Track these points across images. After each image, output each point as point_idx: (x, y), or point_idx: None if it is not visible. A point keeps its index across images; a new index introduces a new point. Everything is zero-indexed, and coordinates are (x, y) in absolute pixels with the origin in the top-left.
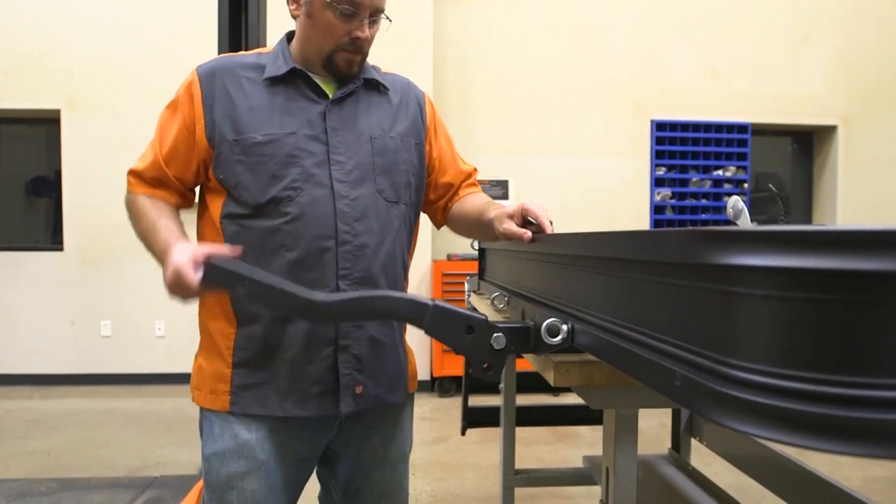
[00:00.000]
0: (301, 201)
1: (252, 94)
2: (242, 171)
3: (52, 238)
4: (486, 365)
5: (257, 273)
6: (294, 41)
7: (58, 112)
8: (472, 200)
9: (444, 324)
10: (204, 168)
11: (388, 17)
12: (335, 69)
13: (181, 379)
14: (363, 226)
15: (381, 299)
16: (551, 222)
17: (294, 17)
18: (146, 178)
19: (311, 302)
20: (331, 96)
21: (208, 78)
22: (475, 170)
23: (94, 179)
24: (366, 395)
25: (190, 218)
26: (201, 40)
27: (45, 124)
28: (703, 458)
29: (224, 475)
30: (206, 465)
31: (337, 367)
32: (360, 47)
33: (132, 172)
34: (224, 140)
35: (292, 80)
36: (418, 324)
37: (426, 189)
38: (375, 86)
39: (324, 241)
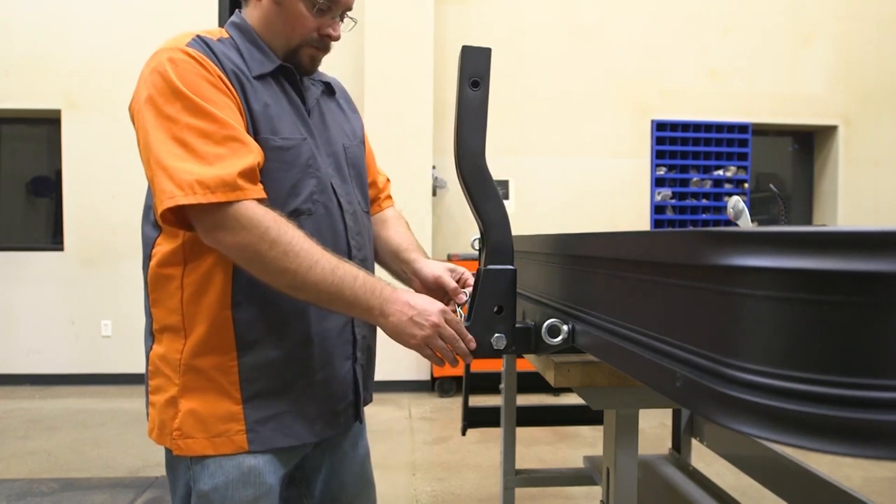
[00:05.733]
0: (319, 216)
1: (255, 86)
2: (261, 178)
3: (52, 238)
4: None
5: None
6: (253, 27)
7: (58, 112)
8: (402, 233)
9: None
10: None
11: (352, 18)
12: (297, 65)
13: None
14: (362, 239)
15: None
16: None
17: None
18: (257, 176)
19: None
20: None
21: (211, 56)
22: (388, 180)
23: (94, 179)
24: (364, 399)
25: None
26: None
27: (46, 124)
28: (703, 458)
29: None
30: (204, 502)
31: (356, 379)
32: (327, 45)
33: (243, 174)
34: None
35: (276, 77)
36: None
37: None
38: (327, 88)
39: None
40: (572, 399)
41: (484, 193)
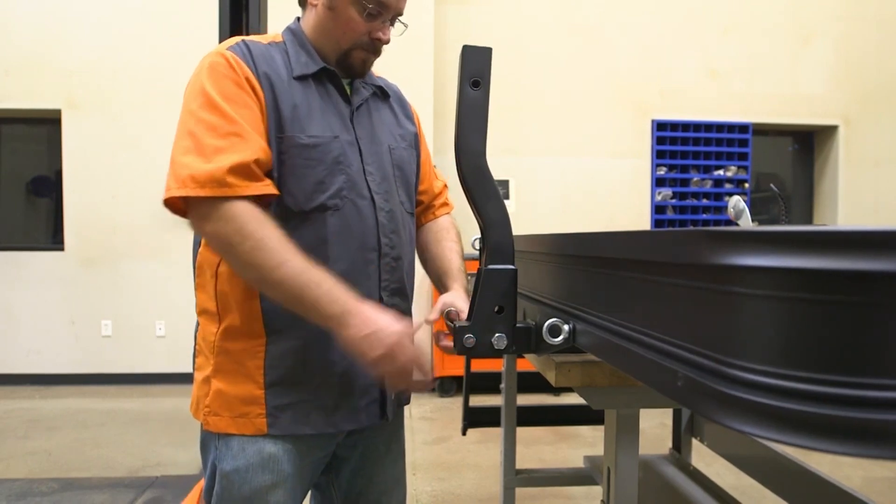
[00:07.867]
0: (347, 212)
1: (289, 87)
2: (285, 173)
3: (52, 238)
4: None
5: None
6: (307, 31)
7: (58, 112)
8: (448, 249)
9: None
10: None
11: (403, 23)
12: (349, 67)
13: (181, 379)
14: (398, 238)
15: None
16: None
17: (309, 4)
18: (253, 172)
19: None
20: (350, 99)
21: (247, 59)
22: (446, 186)
23: (94, 179)
24: (395, 399)
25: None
26: (201, 40)
27: (46, 124)
28: (703, 458)
29: (247, 490)
30: (225, 482)
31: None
32: (378, 48)
33: (234, 169)
34: (270, 135)
35: (319, 78)
36: None
37: None
38: (381, 91)
39: (368, 252)
40: (572, 399)
41: (484, 193)
